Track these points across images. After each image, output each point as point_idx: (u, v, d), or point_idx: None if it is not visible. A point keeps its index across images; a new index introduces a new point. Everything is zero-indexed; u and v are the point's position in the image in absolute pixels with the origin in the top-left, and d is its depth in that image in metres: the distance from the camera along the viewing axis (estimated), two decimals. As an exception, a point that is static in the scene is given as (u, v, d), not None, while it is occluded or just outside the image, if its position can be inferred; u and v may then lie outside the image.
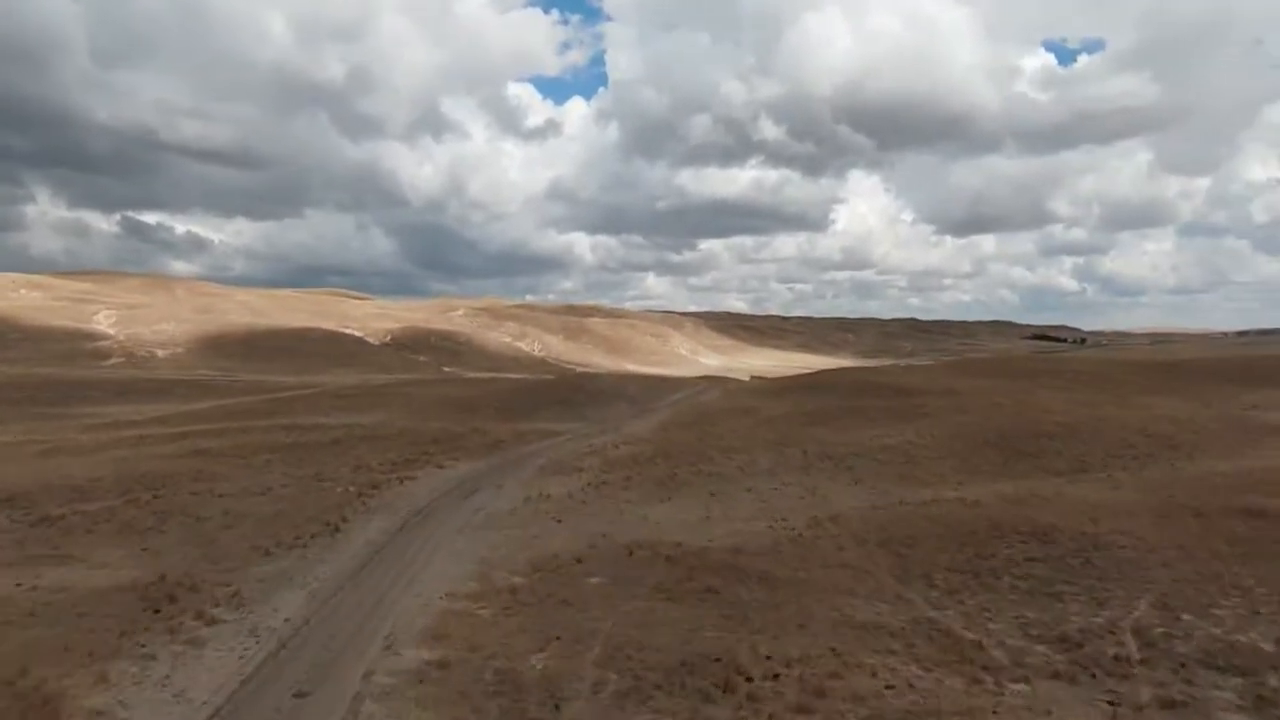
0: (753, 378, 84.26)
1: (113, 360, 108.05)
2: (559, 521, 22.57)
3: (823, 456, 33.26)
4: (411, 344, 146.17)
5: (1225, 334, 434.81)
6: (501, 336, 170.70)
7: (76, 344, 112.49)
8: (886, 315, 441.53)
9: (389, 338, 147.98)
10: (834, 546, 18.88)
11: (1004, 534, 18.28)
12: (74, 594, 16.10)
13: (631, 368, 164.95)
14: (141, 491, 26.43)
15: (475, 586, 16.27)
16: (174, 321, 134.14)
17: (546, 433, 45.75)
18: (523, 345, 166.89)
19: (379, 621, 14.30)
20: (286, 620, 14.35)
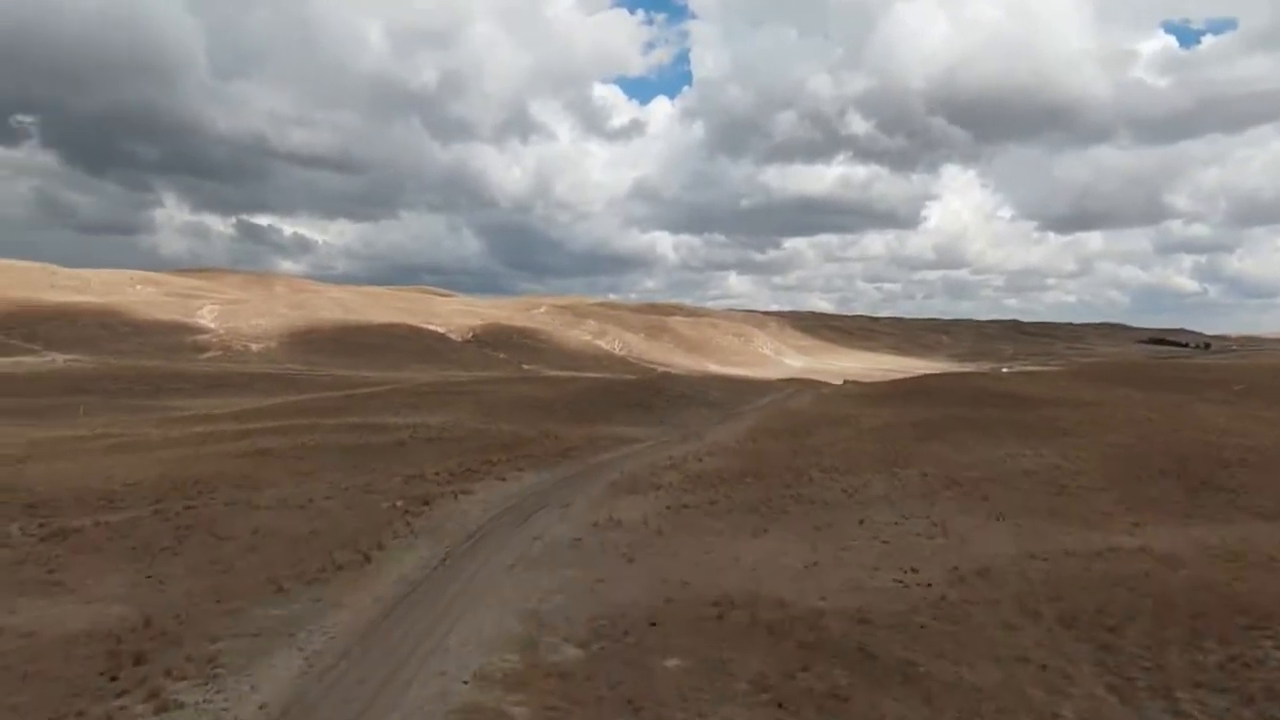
0: (846, 381, 77.94)
1: (210, 354, 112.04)
2: (630, 560, 18.45)
3: (947, 481, 27.83)
4: (493, 341, 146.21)
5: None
6: (582, 335, 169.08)
7: (179, 337, 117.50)
8: (982, 316, 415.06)
9: (471, 335, 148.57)
10: (997, 621, 13.94)
11: (1256, 620, 12.86)
12: (37, 643, 13.18)
13: (713, 368, 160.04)
14: (176, 500, 24.07)
15: (515, 662, 12.32)
16: (269, 317, 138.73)
17: (622, 439, 41.89)
18: (603, 344, 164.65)
19: (379, 717, 10.54)
20: (261, 708, 10.79)
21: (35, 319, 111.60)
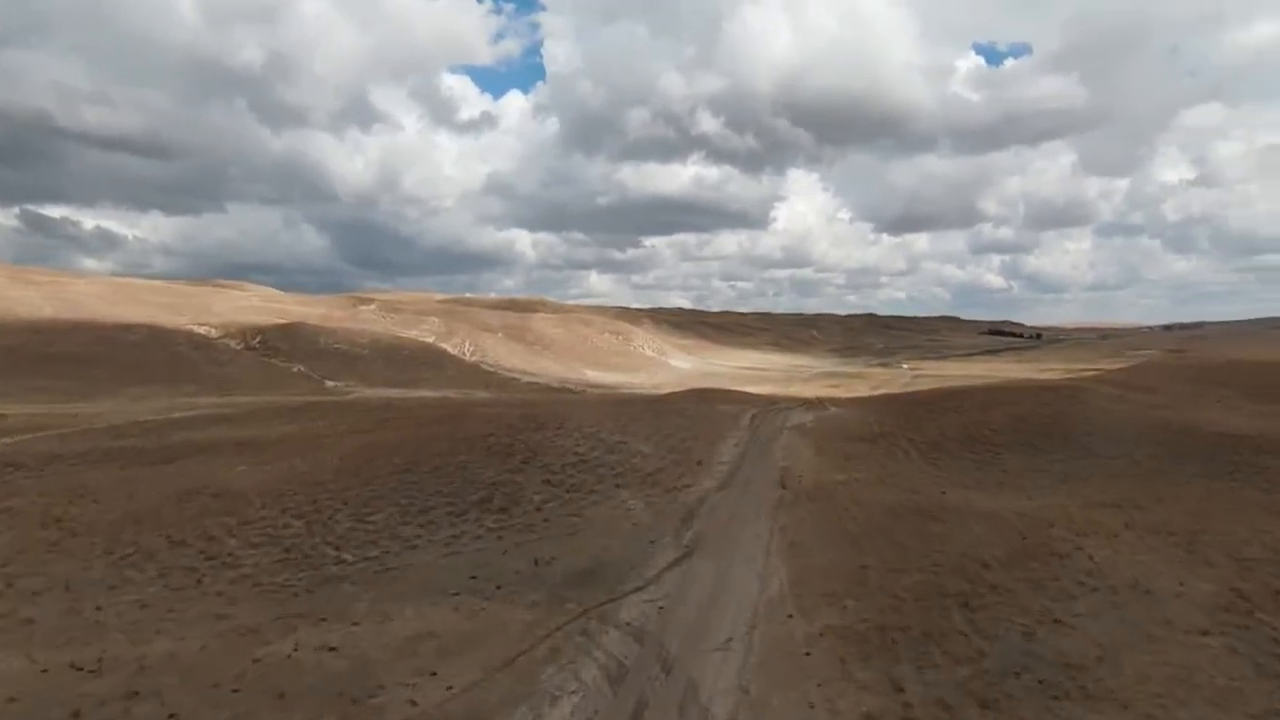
0: (821, 400, 49.80)
1: None
2: None
3: None
4: (288, 348, 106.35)
5: (1151, 328, 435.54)
6: (422, 337, 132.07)
7: None
8: (826, 312, 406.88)
9: (257, 340, 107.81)
10: None
11: None
12: None
13: (591, 374, 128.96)
14: None
15: None
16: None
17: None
18: (449, 348, 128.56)
19: None
20: None
21: None
